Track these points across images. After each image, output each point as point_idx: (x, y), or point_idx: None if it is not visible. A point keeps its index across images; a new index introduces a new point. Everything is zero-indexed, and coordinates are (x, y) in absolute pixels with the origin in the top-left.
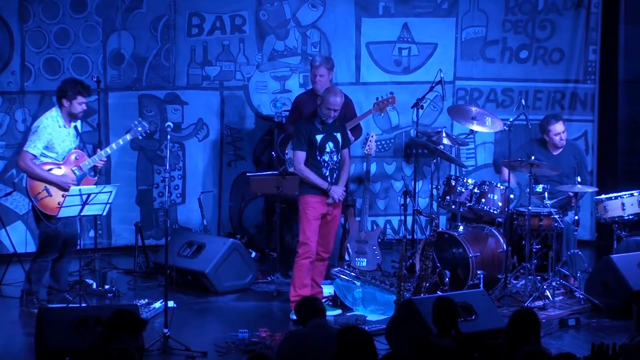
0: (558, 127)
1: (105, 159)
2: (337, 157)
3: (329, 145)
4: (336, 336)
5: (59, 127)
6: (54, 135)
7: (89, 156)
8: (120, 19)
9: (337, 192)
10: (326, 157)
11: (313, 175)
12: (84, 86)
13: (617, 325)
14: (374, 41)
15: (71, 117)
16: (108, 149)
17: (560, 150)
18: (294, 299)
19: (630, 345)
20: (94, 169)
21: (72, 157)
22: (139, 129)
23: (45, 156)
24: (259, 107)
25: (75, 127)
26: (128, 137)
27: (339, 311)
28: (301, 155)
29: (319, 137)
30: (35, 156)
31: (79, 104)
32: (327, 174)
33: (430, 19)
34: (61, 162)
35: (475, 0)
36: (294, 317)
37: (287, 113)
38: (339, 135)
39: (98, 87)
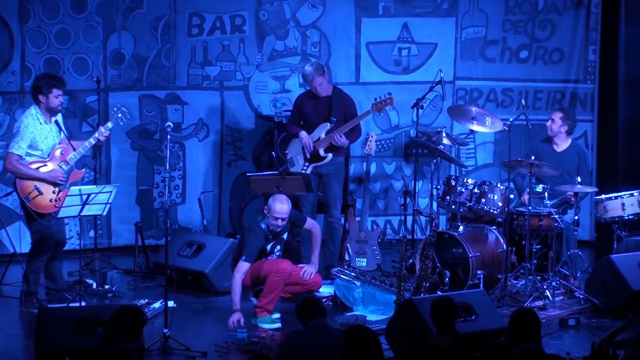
0: (553, 115)
1: (106, 134)
2: (281, 245)
3: (277, 248)
4: (341, 336)
5: (40, 124)
6: (36, 134)
7: (74, 149)
8: (121, 19)
9: (235, 317)
10: (272, 256)
11: (236, 293)
12: (58, 78)
13: (617, 326)
14: (373, 41)
15: (50, 112)
16: (103, 129)
17: (565, 147)
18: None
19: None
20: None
21: (57, 152)
22: (119, 115)
23: (30, 155)
24: (259, 107)
25: (57, 122)
26: (110, 124)
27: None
28: (246, 266)
29: (269, 246)
30: (20, 157)
31: (56, 97)
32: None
33: (430, 19)
34: (47, 159)
35: (475, 0)
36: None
37: (287, 113)
38: (285, 235)
39: (98, 87)
